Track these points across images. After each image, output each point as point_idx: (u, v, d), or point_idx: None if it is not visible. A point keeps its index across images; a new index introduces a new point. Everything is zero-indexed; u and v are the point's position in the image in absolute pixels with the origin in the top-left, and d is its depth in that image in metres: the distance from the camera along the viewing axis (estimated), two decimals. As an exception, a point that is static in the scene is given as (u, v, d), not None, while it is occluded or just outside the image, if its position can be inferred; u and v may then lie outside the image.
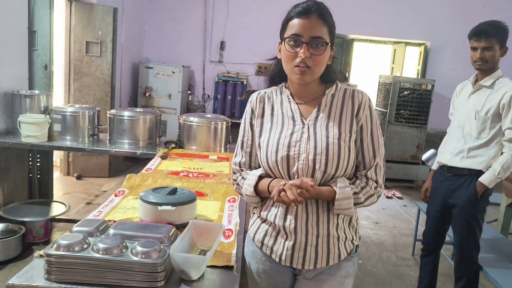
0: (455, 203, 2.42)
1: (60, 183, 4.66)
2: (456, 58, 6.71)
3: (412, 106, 5.97)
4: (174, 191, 1.63)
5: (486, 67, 2.33)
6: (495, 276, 2.49)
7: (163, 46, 6.62)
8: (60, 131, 3.09)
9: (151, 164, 2.54)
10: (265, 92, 1.41)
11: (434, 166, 2.63)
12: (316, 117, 1.30)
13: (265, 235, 1.37)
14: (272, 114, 1.36)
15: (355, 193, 1.26)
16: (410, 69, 7.21)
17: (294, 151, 1.27)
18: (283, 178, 1.30)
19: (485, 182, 2.29)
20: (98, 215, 1.64)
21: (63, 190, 4.45)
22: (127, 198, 1.88)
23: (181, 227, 1.51)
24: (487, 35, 2.28)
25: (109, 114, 3.12)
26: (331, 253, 1.32)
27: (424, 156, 6.43)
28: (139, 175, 2.21)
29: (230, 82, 6.45)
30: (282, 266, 1.37)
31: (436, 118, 6.45)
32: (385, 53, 7.79)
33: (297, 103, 1.34)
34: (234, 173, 1.46)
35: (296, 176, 1.26)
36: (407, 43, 6.76)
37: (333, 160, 1.25)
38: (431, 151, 6.60)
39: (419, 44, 6.84)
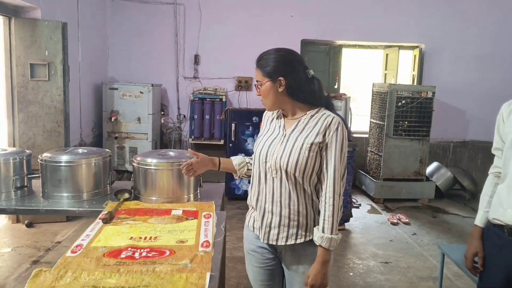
0: None
1: (5, 234, 3.89)
2: (454, 61, 6.15)
3: (412, 116, 5.34)
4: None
5: None
6: None
7: (131, 63, 5.91)
8: (-25, 185, 2.35)
9: (86, 235, 1.82)
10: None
11: (481, 223, 1.80)
12: (293, 130, 1.66)
13: (254, 220, 1.75)
14: (271, 123, 1.77)
15: (323, 229, 1.58)
16: (405, 75, 6.61)
17: (271, 151, 1.66)
18: (262, 168, 1.68)
19: None
20: None
21: (7, 244, 3.68)
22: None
23: None
24: None
25: (40, 159, 2.39)
26: (300, 232, 1.65)
27: (428, 170, 5.81)
28: (54, 268, 1.48)
29: (208, 99, 5.74)
30: (264, 244, 1.71)
31: (438, 127, 5.84)
32: (376, 59, 7.19)
33: (284, 118, 1.73)
34: None
35: (270, 170, 1.65)
36: (400, 47, 6.16)
37: (293, 162, 1.59)
38: (435, 164, 5.99)
39: (413, 47, 6.25)
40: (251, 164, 1.87)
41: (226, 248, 3.72)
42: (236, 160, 1.92)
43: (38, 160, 2.40)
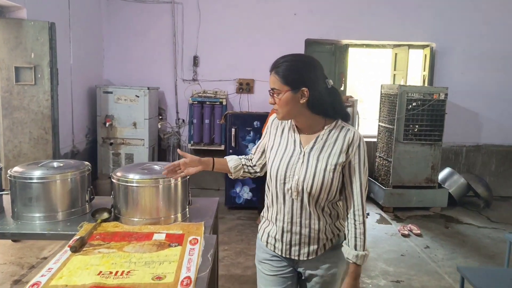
0: None
1: (-11, 250, 3.65)
2: (467, 61, 5.83)
3: (423, 120, 5.03)
4: None
5: None
6: None
7: (127, 65, 5.66)
8: None
9: (48, 269, 1.55)
10: None
11: None
12: (312, 147, 1.58)
13: (269, 236, 1.70)
14: (281, 135, 1.67)
15: (356, 246, 1.57)
16: (414, 75, 6.30)
17: (290, 171, 1.57)
18: (280, 189, 1.61)
19: None
20: None
21: (-10, 261, 3.44)
22: None
23: None
24: None
25: (9, 175, 2.13)
26: (320, 246, 1.64)
27: (440, 177, 5.49)
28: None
29: (207, 103, 5.49)
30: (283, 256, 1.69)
31: (450, 131, 5.52)
32: (385, 59, 6.89)
33: (299, 133, 1.62)
34: None
35: (289, 192, 1.58)
36: (410, 46, 5.85)
37: (317, 185, 1.54)
38: (447, 170, 5.67)
39: (424, 46, 5.93)
40: (247, 166, 1.85)
41: (224, 264, 3.45)
42: (232, 162, 1.84)
43: (7, 175, 2.14)
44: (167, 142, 5.73)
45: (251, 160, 1.86)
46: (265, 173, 1.78)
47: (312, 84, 1.51)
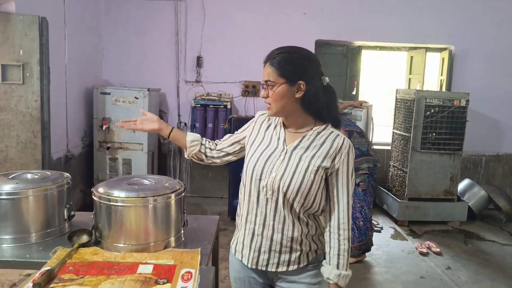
0: None
1: (-31, 263, 3.33)
2: (487, 65, 5.48)
3: (442, 127, 4.67)
4: None
5: None
6: None
7: (127, 65, 5.36)
8: None
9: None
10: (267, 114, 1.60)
11: None
12: (296, 146, 1.48)
13: (237, 243, 1.60)
14: (266, 131, 1.57)
15: (338, 265, 1.44)
16: (430, 79, 5.95)
17: (268, 168, 1.47)
18: (255, 186, 1.49)
19: None
20: None
21: (-32, 278, 3.13)
22: None
23: None
24: None
25: (-27, 189, 1.82)
26: (292, 259, 1.49)
27: (458, 188, 5.13)
28: None
29: (211, 106, 5.18)
30: (252, 272, 1.57)
31: (468, 139, 5.15)
32: (399, 62, 6.53)
33: (285, 130, 1.53)
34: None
35: (265, 189, 1.46)
36: (427, 49, 5.50)
37: (295, 185, 1.42)
38: (466, 181, 5.31)
39: (441, 49, 5.58)
40: (205, 147, 1.73)
41: (225, 286, 3.11)
42: (191, 136, 1.72)
43: (-29, 189, 1.82)
44: (168, 147, 5.42)
45: (216, 144, 1.75)
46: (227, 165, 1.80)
47: (309, 79, 1.44)
